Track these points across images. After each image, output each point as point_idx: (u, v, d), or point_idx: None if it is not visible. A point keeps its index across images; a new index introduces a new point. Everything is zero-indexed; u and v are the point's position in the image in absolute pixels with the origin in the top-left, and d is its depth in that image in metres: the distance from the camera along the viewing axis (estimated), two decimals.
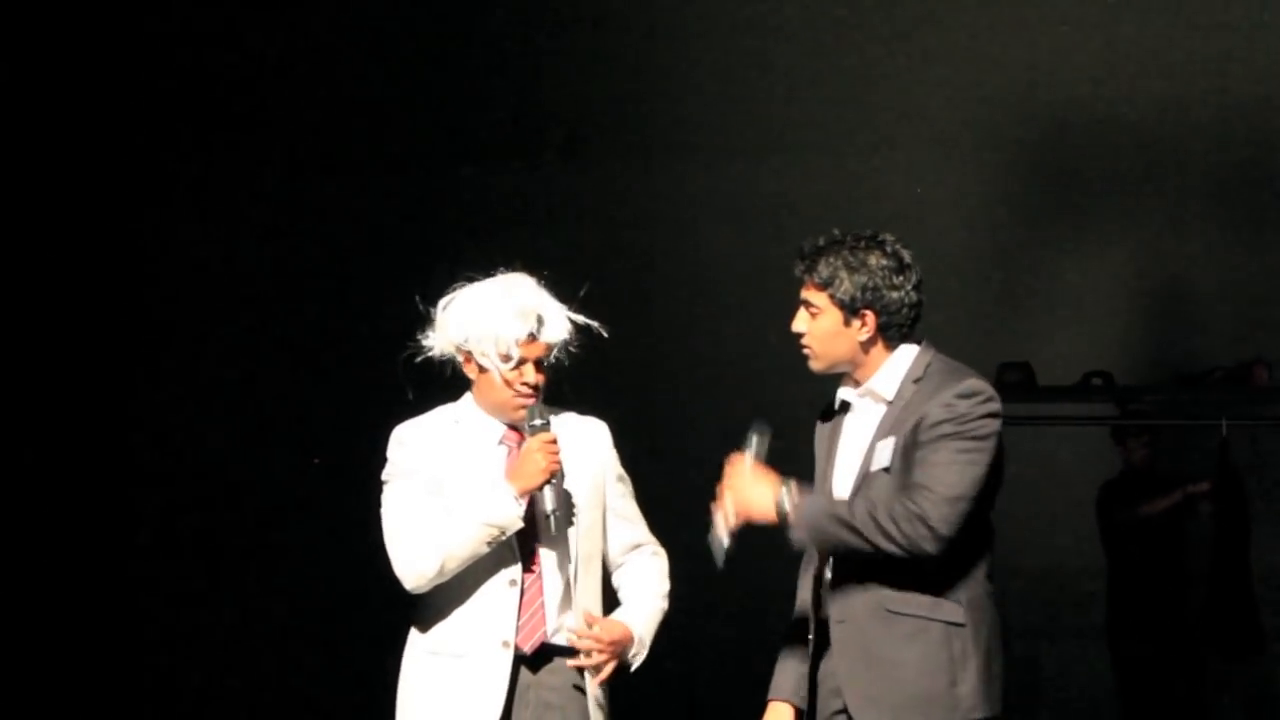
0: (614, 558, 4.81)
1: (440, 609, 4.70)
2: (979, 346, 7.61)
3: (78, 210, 8.19)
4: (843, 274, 4.48)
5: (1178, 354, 8.00)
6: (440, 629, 4.71)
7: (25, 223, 8.07)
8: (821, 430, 4.71)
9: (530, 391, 4.63)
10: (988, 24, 8.01)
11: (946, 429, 4.38)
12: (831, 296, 4.48)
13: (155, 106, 8.28)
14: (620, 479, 4.83)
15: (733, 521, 4.49)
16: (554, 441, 4.60)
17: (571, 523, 4.70)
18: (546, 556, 4.67)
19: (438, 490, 4.63)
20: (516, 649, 4.62)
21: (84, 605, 8.13)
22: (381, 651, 5.07)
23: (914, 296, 4.51)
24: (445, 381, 4.72)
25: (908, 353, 4.55)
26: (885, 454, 4.44)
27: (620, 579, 4.84)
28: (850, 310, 4.48)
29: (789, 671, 4.65)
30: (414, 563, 4.62)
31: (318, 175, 8.23)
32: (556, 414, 4.71)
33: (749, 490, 4.51)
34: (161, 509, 8.28)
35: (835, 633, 4.49)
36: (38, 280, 8.11)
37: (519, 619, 4.63)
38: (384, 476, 4.71)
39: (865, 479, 4.47)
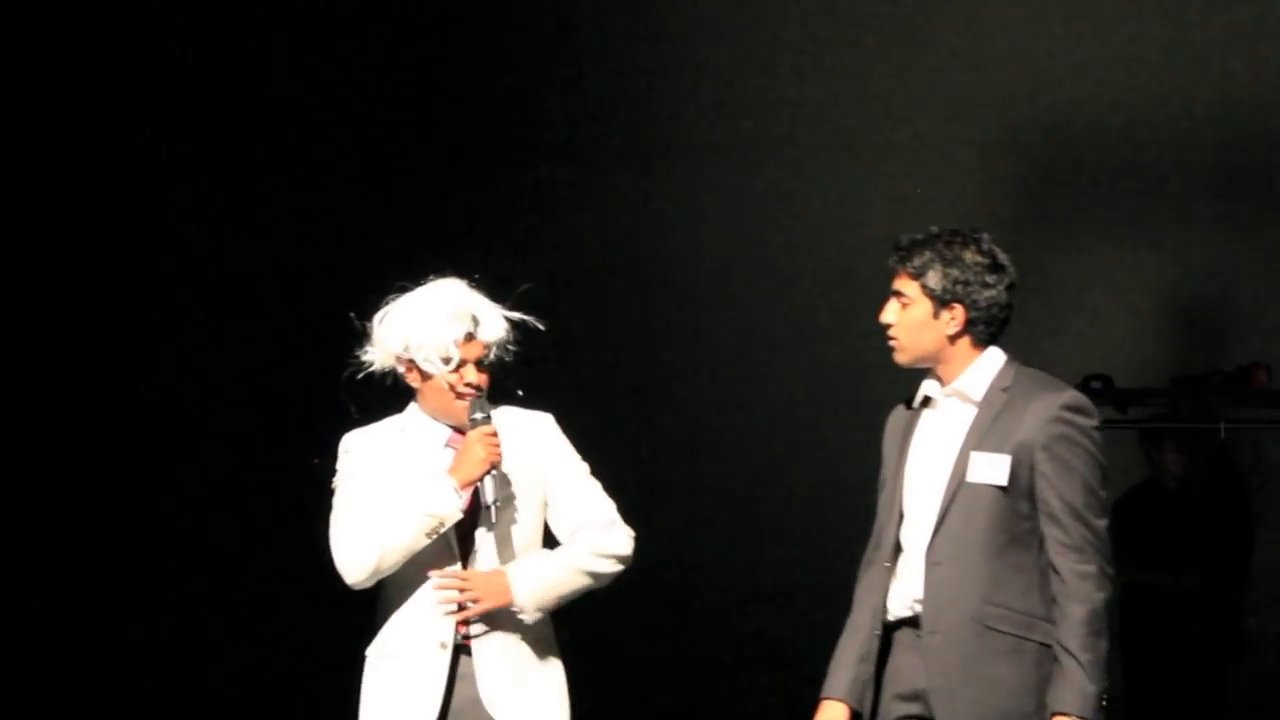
0: (564, 539, 4.80)
1: (385, 611, 4.76)
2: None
3: (77, 210, 8.11)
4: (937, 265, 4.53)
5: (1177, 357, 7.98)
6: (384, 631, 4.76)
7: (25, 223, 8.00)
8: (894, 425, 4.72)
9: (473, 392, 4.68)
10: (988, 24, 7.99)
11: (1072, 457, 4.45)
12: (923, 287, 4.53)
13: (154, 106, 8.20)
14: (566, 468, 4.82)
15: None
16: (494, 434, 4.64)
17: (514, 519, 4.74)
18: (485, 552, 4.69)
19: (382, 493, 4.68)
20: (460, 644, 4.66)
21: (84, 605, 8.06)
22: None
23: (1005, 297, 4.56)
24: (384, 395, 4.79)
25: (995, 356, 4.57)
26: (990, 471, 4.46)
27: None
28: (941, 302, 4.51)
29: (844, 671, 4.65)
30: (352, 555, 4.67)
31: (318, 175, 8.14)
32: (497, 409, 4.75)
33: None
34: (161, 509, 8.21)
35: (927, 642, 4.50)
36: (37, 280, 8.05)
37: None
38: (333, 484, 4.78)
39: (961, 488, 4.49)
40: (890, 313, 4.56)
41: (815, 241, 8.06)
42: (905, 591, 4.56)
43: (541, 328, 4.75)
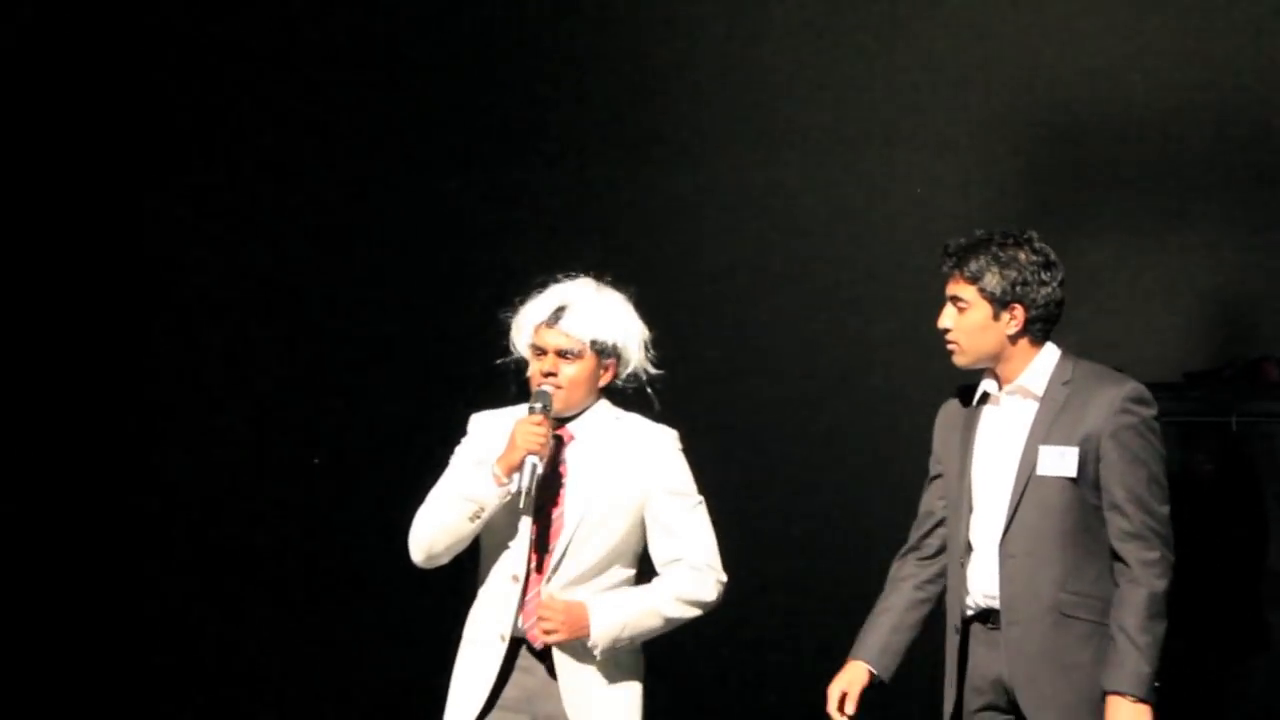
0: (658, 569, 4.90)
1: (475, 598, 4.91)
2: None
3: (77, 209, 8.10)
4: (993, 268, 4.67)
5: (1188, 351, 7.99)
6: (469, 618, 4.92)
7: (24, 222, 8.00)
8: (950, 420, 4.86)
9: (542, 379, 4.76)
10: (992, 17, 7.99)
11: (1138, 448, 4.63)
12: (981, 290, 4.66)
13: (154, 106, 8.18)
14: (674, 492, 4.86)
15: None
16: (540, 423, 4.69)
17: (600, 529, 4.81)
18: (563, 556, 4.79)
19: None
20: (528, 643, 4.77)
21: (84, 606, 8.07)
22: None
23: (1060, 294, 4.74)
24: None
25: (1052, 351, 4.76)
26: (1060, 463, 4.60)
27: None
28: (1000, 304, 4.69)
29: (875, 637, 4.90)
30: (411, 535, 4.82)
31: (317, 175, 8.12)
32: (625, 417, 4.88)
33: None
34: (162, 507, 8.19)
35: (1007, 634, 4.65)
36: (37, 279, 8.05)
37: (523, 615, 4.77)
38: (451, 460, 4.93)
39: (1031, 481, 4.62)
40: (948, 318, 4.70)
41: (827, 236, 8.07)
42: (976, 586, 4.68)
43: (651, 349, 4.87)
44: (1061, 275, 4.73)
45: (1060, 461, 4.60)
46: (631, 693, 4.88)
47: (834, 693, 4.89)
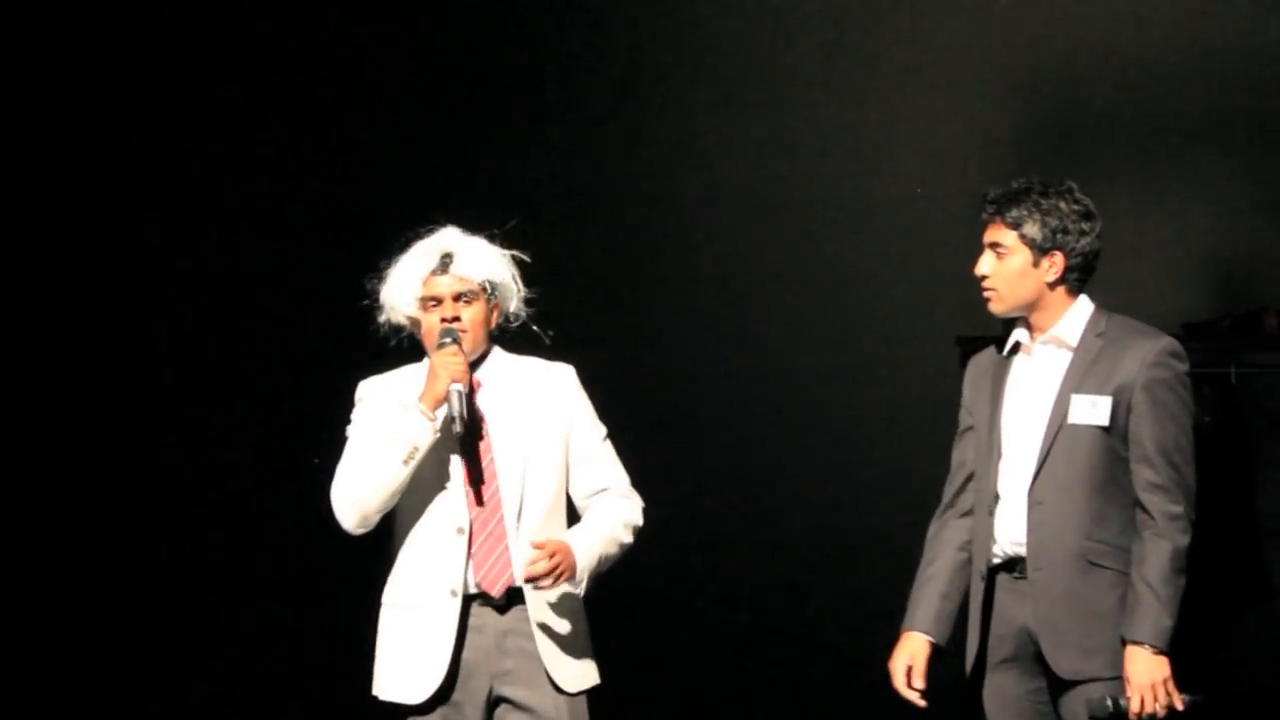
0: (579, 501, 4.92)
1: (397, 562, 4.83)
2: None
3: (77, 208, 8.06)
4: (1035, 215, 4.68)
5: (1186, 302, 8.00)
6: (397, 582, 4.83)
7: (24, 222, 7.97)
8: (980, 371, 4.87)
9: (449, 325, 4.76)
10: None
11: (1169, 401, 4.69)
12: (1022, 236, 4.67)
13: (154, 105, 8.16)
14: (590, 425, 4.92)
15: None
16: (457, 354, 4.72)
17: (538, 472, 4.81)
18: (504, 502, 4.76)
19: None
20: (485, 595, 4.73)
21: (83, 606, 8.04)
22: None
23: (1098, 244, 4.76)
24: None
25: (1087, 304, 4.76)
26: (1092, 412, 4.62)
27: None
28: (1040, 251, 4.69)
29: (926, 606, 4.88)
30: (339, 497, 4.75)
31: (318, 175, 8.11)
32: (519, 359, 4.92)
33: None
34: (162, 508, 8.17)
35: (1032, 579, 4.67)
36: (36, 280, 8.01)
37: (472, 567, 4.73)
38: (346, 432, 4.87)
39: (1063, 429, 4.63)
40: (985, 264, 4.72)
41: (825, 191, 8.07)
42: (1004, 534, 4.69)
43: (527, 259, 4.87)
44: (1100, 227, 4.74)
45: (1092, 410, 4.62)
46: (584, 623, 4.93)
47: (898, 668, 4.89)
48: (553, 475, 4.85)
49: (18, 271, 7.92)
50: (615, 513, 4.88)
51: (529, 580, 4.69)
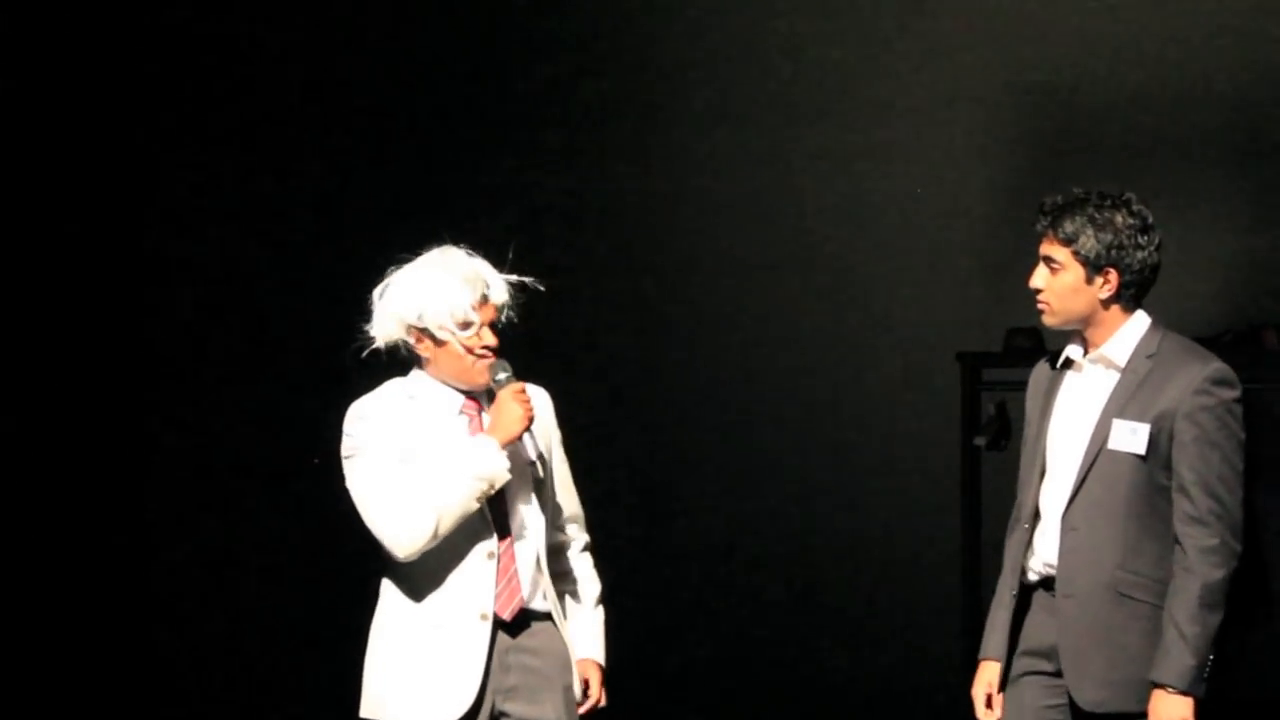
0: (550, 525, 4.91)
1: (416, 582, 4.75)
2: (988, 311, 7.59)
3: (77, 207, 8.07)
4: (1089, 230, 4.57)
5: (1187, 317, 7.98)
6: (417, 601, 4.76)
7: (24, 222, 7.95)
8: (1038, 383, 4.80)
9: (489, 354, 4.74)
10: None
11: (1213, 430, 4.55)
12: (1075, 253, 4.57)
13: (154, 105, 8.19)
14: (560, 448, 4.97)
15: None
16: (524, 391, 4.72)
17: (550, 488, 4.87)
18: (516, 523, 4.77)
19: (409, 460, 4.70)
20: (496, 618, 4.71)
21: (83, 606, 8.06)
22: None
23: (1156, 258, 4.65)
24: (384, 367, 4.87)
25: (1141, 321, 4.62)
26: (1131, 439, 4.51)
27: (564, 577, 4.98)
28: (1094, 268, 4.58)
29: (1001, 633, 4.75)
30: (409, 527, 4.65)
31: (317, 173, 8.13)
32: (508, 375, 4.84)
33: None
34: (161, 508, 8.21)
35: (1061, 605, 4.59)
36: (37, 279, 8.01)
37: (496, 589, 4.73)
38: (346, 452, 4.77)
39: (1101, 454, 4.54)
40: (1039, 278, 4.58)
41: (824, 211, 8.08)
42: (1040, 554, 4.63)
43: (542, 289, 4.80)
44: (1159, 239, 4.61)
45: (1131, 438, 4.52)
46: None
47: (979, 695, 4.80)
48: (547, 498, 4.90)
49: (18, 271, 7.90)
50: (596, 596, 5.02)
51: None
